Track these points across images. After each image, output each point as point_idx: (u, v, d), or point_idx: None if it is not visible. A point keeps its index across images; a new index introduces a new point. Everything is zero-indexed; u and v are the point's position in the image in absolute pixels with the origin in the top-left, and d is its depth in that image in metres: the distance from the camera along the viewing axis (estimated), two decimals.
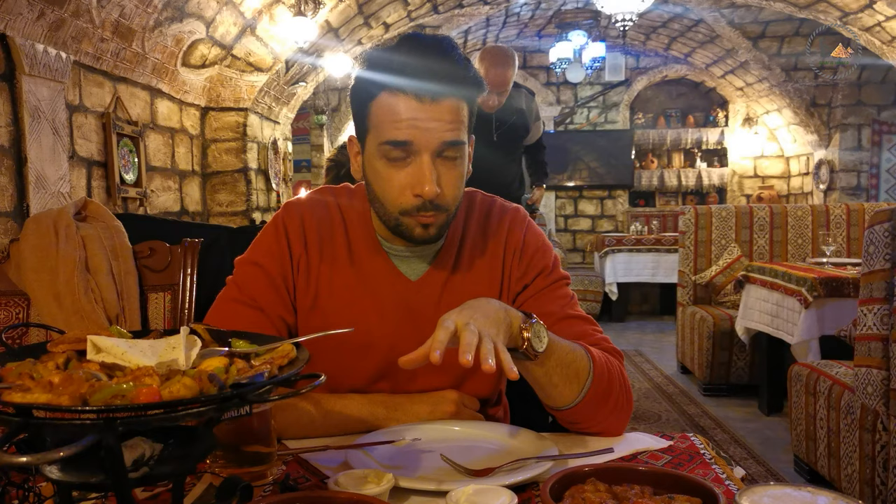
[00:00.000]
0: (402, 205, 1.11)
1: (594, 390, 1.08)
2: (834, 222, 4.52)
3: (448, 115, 1.08)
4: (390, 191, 1.11)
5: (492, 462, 0.96)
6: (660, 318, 7.34)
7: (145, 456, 0.72)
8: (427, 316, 1.19)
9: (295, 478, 0.96)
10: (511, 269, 1.25)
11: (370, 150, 1.12)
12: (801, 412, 2.87)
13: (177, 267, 1.52)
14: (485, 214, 1.28)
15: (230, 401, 0.66)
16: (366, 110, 1.11)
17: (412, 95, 1.07)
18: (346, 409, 1.14)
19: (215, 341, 0.83)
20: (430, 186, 1.07)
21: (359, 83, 1.14)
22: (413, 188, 1.09)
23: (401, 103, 1.07)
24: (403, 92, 1.07)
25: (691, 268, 4.70)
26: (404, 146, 1.08)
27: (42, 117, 2.91)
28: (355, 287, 1.20)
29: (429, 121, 1.07)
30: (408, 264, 1.21)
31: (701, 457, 1.01)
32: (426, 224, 1.12)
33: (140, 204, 3.80)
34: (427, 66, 1.08)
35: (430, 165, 1.08)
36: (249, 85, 4.67)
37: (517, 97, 3.82)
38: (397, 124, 1.07)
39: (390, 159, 1.09)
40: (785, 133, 8.04)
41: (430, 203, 1.09)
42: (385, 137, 1.08)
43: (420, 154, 1.08)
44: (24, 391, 0.60)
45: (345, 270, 1.20)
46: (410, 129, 1.07)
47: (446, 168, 1.10)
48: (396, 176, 1.10)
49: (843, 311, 3.15)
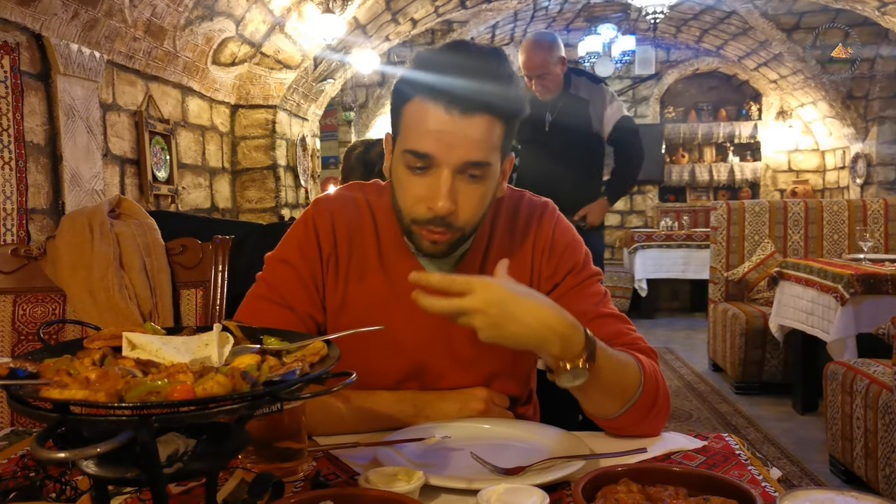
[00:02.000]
0: (413, 214, 1.08)
1: (641, 402, 1.05)
2: (871, 217, 4.42)
3: (477, 133, 1.03)
4: (406, 198, 1.09)
5: (522, 461, 0.95)
6: (690, 314, 7.25)
7: (179, 451, 0.72)
8: None
9: (325, 474, 0.96)
10: (540, 268, 1.22)
11: (396, 153, 1.10)
12: (836, 411, 2.81)
13: (208, 263, 1.54)
14: (513, 210, 1.24)
15: (262, 398, 0.66)
16: (399, 112, 1.09)
17: (441, 106, 1.02)
18: (376, 406, 1.14)
19: (247, 338, 0.83)
20: (442, 202, 1.04)
21: (399, 83, 1.11)
22: (427, 201, 1.06)
23: (429, 112, 1.03)
24: (434, 101, 1.03)
25: (723, 264, 4.64)
26: (425, 158, 1.04)
27: (76, 116, 2.96)
28: (383, 287, 1.18)
29: (454, 136, 1.02)
30: (434, 265, 1.19)
31: (736, 457, 0.99)
32: (435, 240, 1.09)
33: (171, 201, 3.86)
34: (465, 76, 1.03)
35: (447, 181, 1.04)
36: (278, 82, 4.71)
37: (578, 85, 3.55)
38: (422, 134, 1.04)
39: (411, 168, 1.06)
40: (820, 126, 7.89)
41: (440, 219, 1.06)
42: (408, 145, 1.06)
43: (440, 168, 1.04)
44: (61, 387, 0.61)
45: (374, 270, 1.19)
46: (434, 141, 1.03)
47: (467, 187, 1.06)
48: (414, 185, 1.07)
49: (881, 309, 3.08)
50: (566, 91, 3.56)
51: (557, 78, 3.52)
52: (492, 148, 1.06)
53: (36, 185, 2.75)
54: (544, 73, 3.46)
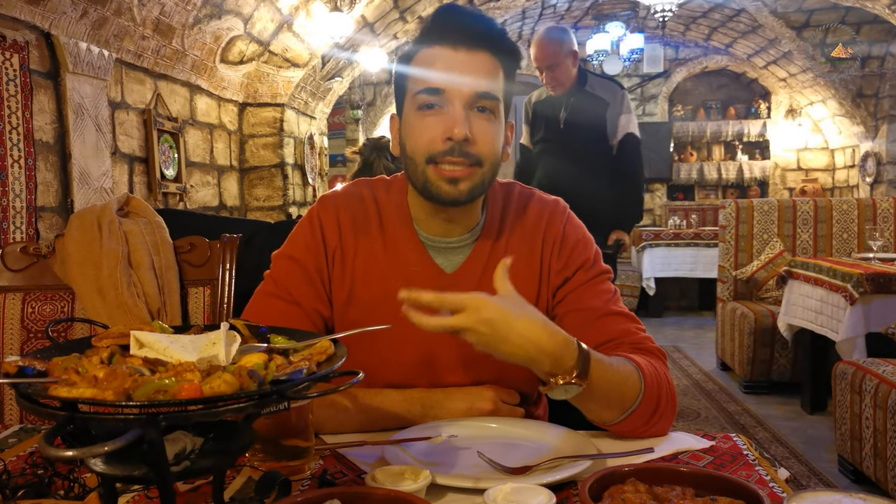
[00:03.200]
0: (430, 150, 1.10)
1: (641, 409, 1.05)
2: (881, 216, 4.39)
3: (483, 67, 1.10)
4: (421, 139, 1.11)
5: (529, 460, 0.95)
6: (699, 313, 7.23)
7: (186, 450, 0.72)
8: None
9: (332, 472, 0.96)
10: (550, 263, 1.22)
11: (407, 109, 1.14)
12: (845, 411, 2.80)
13: (216, 262, 1.54)
14: (523, 206, 1.25)
15: (269, 397, 0.66)
16: (405, 73, 1.14)
17: (448, 45, 1.10)
18: (383, 405, 1.14)
19: (254, 337, 0.84)
20: (458, 129, 1.07)
21: (400, 58, 1.18)
22: (443, 133, 1.09)
23: (436, 53, 1.10)
24: (440, 43, 1.10)
25: (732, 263, 4.62)
26: (438, 94, 1.09)
27: (85, 114, 2.97)
28: (391, 279, 1.18)
29: (463, 69, 1.09)
30: (444, 256, 1.20)
31: (744, 458, 0.98)
32: (454, 178, 1.10)
33: (180, 199, 3.87)
34: (465, 20, 1.12)
35: (461, 111, 1.09)
36: (286, 80, 4.72)
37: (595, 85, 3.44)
38: (432, 72, 1.10)
39: (423, 108, 1.11)
40: (830, 124, 7.85)
41: (458, 147, 1.09)
42: (420, 86, 1.11)
43: (453, 102, 1.09)
44: (69, 385, 0.62)
45: (380, 263, 1.19)
46: (444, 76, 1.09)
47: (480, 120, 1.11)
48: (428, 124, 1.10)
49: (891, 308, 3.06)
50: (580, 88, 3.44)
51: (568, 70, 3.40)
52: (497, 83, 1.12)
53: (45, 184, 2.77)
54: (554, 63, 3.36)
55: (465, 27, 1.11)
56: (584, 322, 1.19)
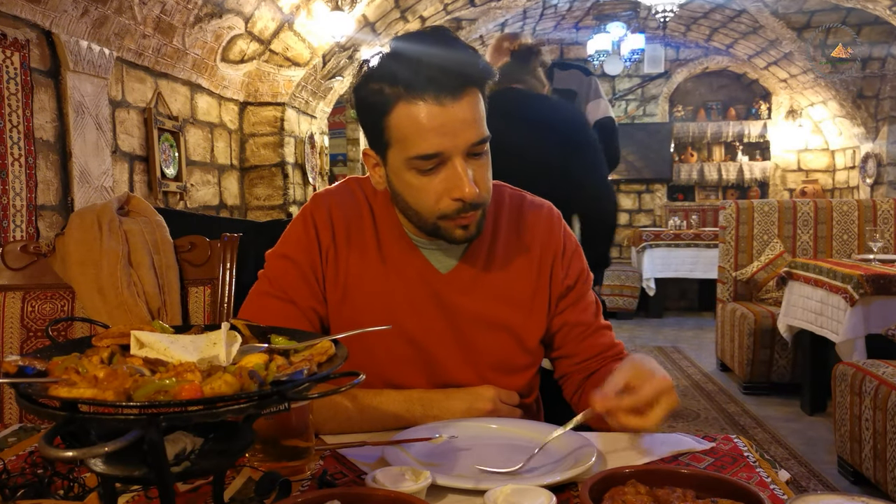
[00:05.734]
0: (440, 210, 1.08)
1: None
2: (881, 217, 4.39)
3: (471, 113, 1.04)
4: (426, 200, 1.08)
5: (530, 461, 0.95)
6: (698, 314, 7.23)
7: (186, 450, 0.72)
8: (457, 309, 1.19)
9: (332, 473, 0.96)
10: (554, 271, 1.24)
11: (395, 164, 1.09)
12: (845, 412, 2.80)
13: (216, 261, 1.54)
14: (516, 210, 1.26)
15: (270, 398, 0.66)
16: (381, 125, 1.06)
17: (432, 101, 1.01)
18: (383, 405, 1.14)
19: (255, 337, 0.84)
20: (469, 188, 1.05)
21: (366, 98, 1.08)
22: (450, 193, 1.06)
23: (421, 112, 1.02)
24: (422, 99, 1.02)
25: (732, 264, 4.62)
26: (435, 157, 1.04)
27: (86, 113, 2.97)
28: (385, 278, 1.19)
29: (454, 124, 1.03)
30: (437, 257, 1.20)
31: (745, 459, 0.98)
32: (465, 225, 1.11)
33: (180, 198, 3.87)
34: (437, 62, 1.02)
35: (464, 168, 1.05)
36: (287, 80, 4.72)
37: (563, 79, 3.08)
38: (423, 136, 1.03)
39: (421, 171, 1.06)
40: (830, 126, 7.84)
41: (470, 205, 1.07)
42: (412, 152, 1.05)
43: (452, 159, 1.05)
44: (69, 385, 0.61)
45: (374, 261, 1.20)
46: (438, 137, 1.03)
47: (477, 165, 1.08)
48: (430, 184, 1.07)
49: (891, 310, 3.06)
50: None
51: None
52: (484, 119, 1.08)
53: (45, 182, 2.77)
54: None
55: (443, 75, 1.02)
56: (579, 337, 1.26)
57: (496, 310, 1.20)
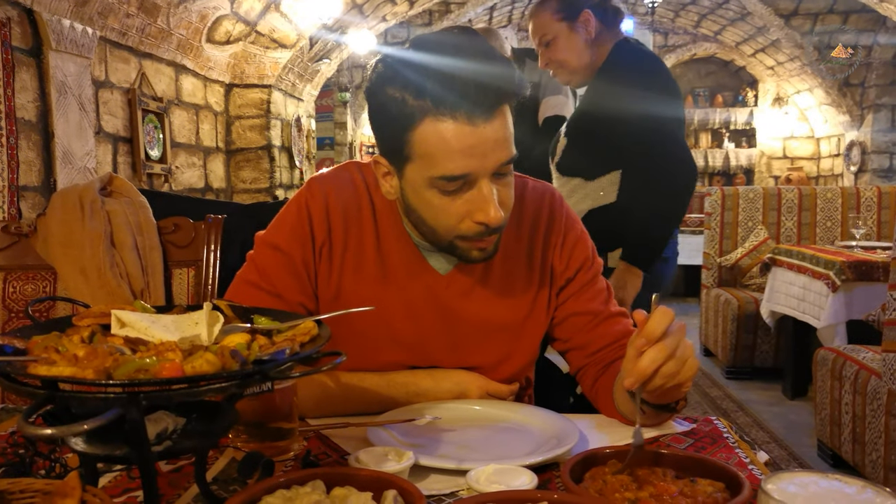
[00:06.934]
0: (460, 232, 1.01)
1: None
2: (864, 205, 4.43)
3: (502, 132, 0.96)
4: (446, 220, 1.01)
5: (512, 443, 0.96)
6: (683, 299, 7.28)
7: (168, 430, 0.72)
8: (455, 311, 1.14)
9: (316, 454, 0.96)
10: (554, 264, 1.19)
11: (415, 180, 1.00)
12: (825, 397, 2.83)
13: (201, 243, 1.53)
14: (518, 199, 1.15)
15: (252, 377, 0.66)
16: (402, 138, 0.97)
17: (463, 120, 0.93)
18: (369, 389, 1.13)
19: (238, 318, 0.83)
20: (494, 213, 0.98)
21: (384, 105, 0.99)
22: (473, 216, 0.99)
23: (450, 131, 0.93)
24: (452, 117, 0.93)
25: (717, 250, 4.65)
26: (462, 178, 0.97)
27: (69, 93, 2.93)
28: (382, 279, 1.13)
29: (485, 145, 0.95)
30: (436, 258, 1.14)
31: (724, 440, 0.99)
32: (484, 248, 1.04)
33: (165, 180, 3.84)
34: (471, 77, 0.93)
35: (491, 191, 0.97)
36: (273, 61, 4.67)
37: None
38: (450, 157, 0.95)
39: (444, 191, 0.98)
40: (816, 113, 7.88)
41: (492, 229, 1.01)
42: (437, 173, 0.96)
43: (479, 180, 0.97)
44: (49, 364, 0.61)
45: (371, 260, 1.13)
46: (467, 159, 0.95)
47: (502, 185, 1.00)
48: (452, 205, 0.99)
49: (872, 296, 3.09)
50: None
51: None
52: (513, 137, 0.99)
53: (27, 163, 2.73)
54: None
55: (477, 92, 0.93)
56: (587, 326, 1.18)
57: (496, 312, 1.15)
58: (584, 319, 1.18)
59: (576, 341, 1.20)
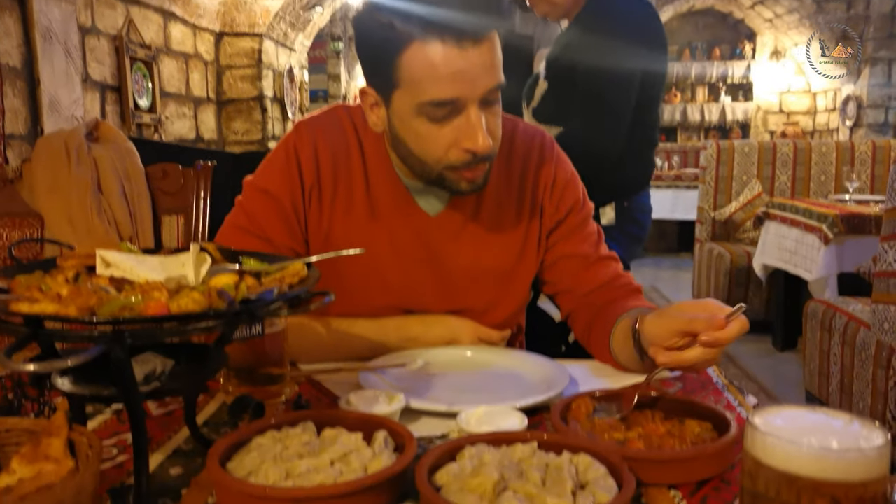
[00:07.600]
0: (448, 161, 1.01)
1: None
2: (859, 159, 4.42)
3: (490, 57, 0.95)
4: (435, 149, 1.00)
5: (503, 388, 0.96)
6: (677, 254, 7.30)
7: (157, 371, 0.72)
8: (445, 254, 1.14)
9: (308, 398, 0.97)
10: (543, 204, 1.18)
11: (402, 108, 1.00)
12: (814, 348, 2.86)
13: (190, 190, 1.51)
14: (508, 140, 1.16)
15: (239, 316, 0.65)
16: (389, 64, 0.96)
17: (451, 43, 0.92)
18: (360, 334, 1.13)
19: (226, 260, 0.82)
20: (483, 140, 0.97)
21: (371, 32, 0.98)
22: (462, 143, 0.98)
23: (438, 55, 0.93)
24: (441, 40, 0.92)
25: (711, 204, 4.64)
26: (451, 104, 0.96)
27: (54, 39, 2.86)
28: (371, 222, 1.13)
29: (474, 69, 0.94)
30: (426, 199, 1.14)
31: (713, 385, 1.00)
32: (473, 178, 1.03)
33: (155, 130, 3.78)
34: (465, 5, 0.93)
35: (479, 117, 0.97)
36: (264, 9, 4.57)
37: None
38: (439, 81, 0.94)
39: (433, 118, 0.98)
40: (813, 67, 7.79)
41: (480, 157, 1.00)
42: (425, 98, 0.96)
43: (467, 107, 0.96)
44: (31, 302, 0.60)
45: (360, 202, 1.13)
46: (456, 83, 0.94)
47: (490, 113, 1.00)
48: (441, 133, 0.99)
49: (864, 249, 3.10)
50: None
51: None
52: (501, 64, 0.99)
53: (13, 111, 2.68)
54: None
55: (466, 15, 0.92)
56: (577, 269, 1.19)
57: (485, 255, 1.15)
58: (574, 262, 1.19)
59: (566, 284, 1.20)
